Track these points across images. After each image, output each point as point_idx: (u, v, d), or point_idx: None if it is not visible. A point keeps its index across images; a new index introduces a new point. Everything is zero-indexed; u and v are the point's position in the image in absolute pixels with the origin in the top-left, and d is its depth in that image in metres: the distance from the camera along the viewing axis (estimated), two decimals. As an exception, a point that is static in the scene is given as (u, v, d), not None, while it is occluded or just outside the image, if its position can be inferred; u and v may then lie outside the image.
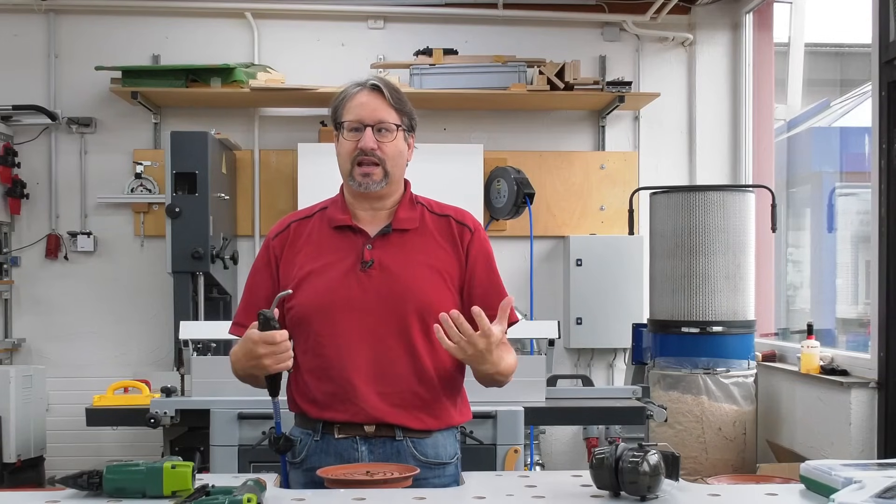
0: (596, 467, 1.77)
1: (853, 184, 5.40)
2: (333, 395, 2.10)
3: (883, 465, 1.85)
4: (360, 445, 2.11)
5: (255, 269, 2.28)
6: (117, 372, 5.24)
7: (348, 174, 2.15)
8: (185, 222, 4.80)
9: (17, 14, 5.55)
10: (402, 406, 2.10)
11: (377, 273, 2.11)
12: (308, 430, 2.16)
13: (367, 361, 2.08)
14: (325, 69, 5.52)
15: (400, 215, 2.18)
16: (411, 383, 2.10)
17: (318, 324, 2.11)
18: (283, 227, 2.26)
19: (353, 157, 2.12)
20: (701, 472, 4.48)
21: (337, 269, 2.13)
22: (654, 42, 5.82)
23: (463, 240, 2.18)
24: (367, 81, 2.16)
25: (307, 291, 2.13)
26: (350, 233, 2.17)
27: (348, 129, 2.13)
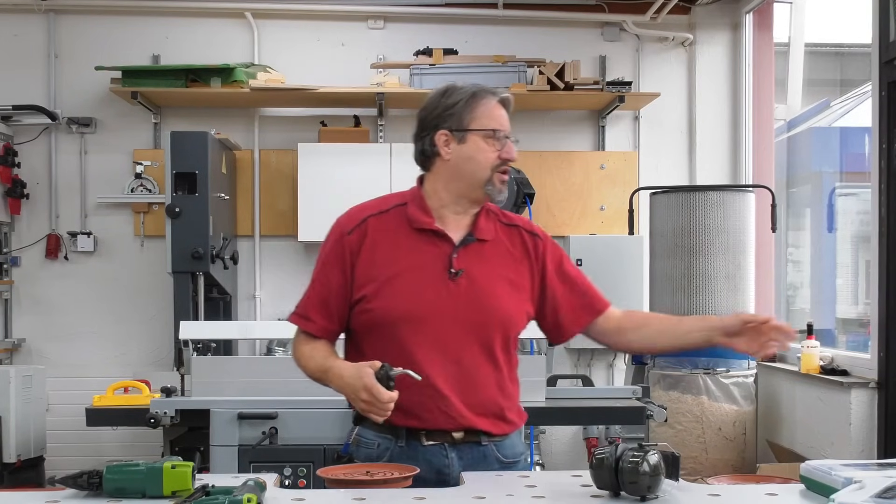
0: (596, 467, 1.77)
1: (853, 184, 5.40)
2: (420, 404, 2.09)
3: (883, 465, 1.85)
4: (449, 452, 2.12)
5: (327, 262, 2.19)
6: (117, 372, 5.24)
7: (485, 181, 2.13)
8: (185, 222, 4.80)
9: (17, 14, 5.55)
10: (485, 414, 2.13)
11: (464, 283, 2.11)
12: (387, 436, 2.14)
13: (453, 371, 2.09)
14: (325, 69, 5.53)
15: (480, 224, 2.18)
16: (492, 392, 2.14)
17: (405, 330, 2.09)
18: (359, 221, 2.19)
19: (496, 165, 2.13)
20: (701, 472, 4.48)
21: (423, 275, 2.11)
22: (654, 42, 5.82)
23: (537, 249, 2.22)
24: (495, 91, 2.17)
25: (393, 296, 2.10)
26: (433, 237, 2.15)
27: (493, 137, 2.13)
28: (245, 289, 5.65)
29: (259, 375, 3.77)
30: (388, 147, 5.37)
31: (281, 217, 5.59)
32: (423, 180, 2.24)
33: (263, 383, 3.74)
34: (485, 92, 2.16)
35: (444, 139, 2.15)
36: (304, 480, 3.54)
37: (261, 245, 5.66)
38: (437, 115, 2.16)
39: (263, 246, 5.67)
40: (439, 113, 2.16)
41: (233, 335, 4.86)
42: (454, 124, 2.14)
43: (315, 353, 2.16)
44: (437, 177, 2.19)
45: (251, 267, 5.64)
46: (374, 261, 2.14)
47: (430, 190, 2.20)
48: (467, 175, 2.14)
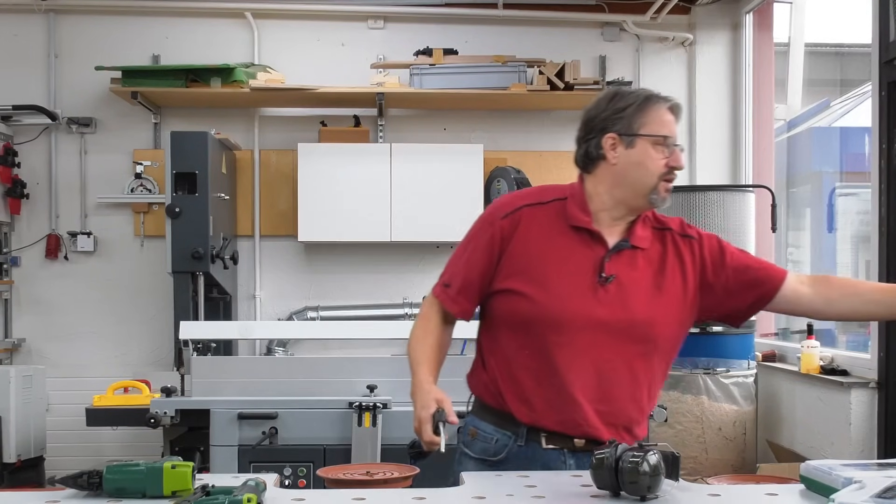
0: (596, 467, 1.77)
1: (853, 184, 5.40)
2: (550, 403, 2.07)
3: (883, 465, 1.84)
4: (567, 458, 2.10)
5: (475, 243, 2.15)
6: (117, 372, 5.24)
7: (651, 188, 2.09)
8: (185, 222, 4.80)
9: (17, 14, 5.55)
10: (614, 425, 2.09)
11: (613, 289, 2.07)
12: (507, 432, 2.12)
13: (590, 377, 2.05)
14: (325, 69, 5.53)
15: (638, 233, 2.13)
16: (627, 405, 2.10)
17: (550, 329, 2.05)
18: (514, 208, 2.14)
19: (663, 173, 2.08)
20: (701, 472, 4.48)
21: (575, 276, 2.07)
22: (654, 42, 5.82)
23: (693, 252, 2.16)
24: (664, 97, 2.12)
25: (541, 294, 2.06)
26: (588, 237, 2.11)
27: (662, 143, 2.08)
28: (245, 289, 5.65)
29: (259, 375, 3.78)
30: (388, 147, 5.37)
31: (281, 217, 5.59)
32: (583, 181, 2.18)
33: (263, 383, 3.75)
34: (657, 98, 2.12)
35: (611, 143, 2.10)
36: (304, 480, 3.55)
37: (261, 245, 5.66)
38: (606, 117, 2.11)
39: (263, 246, 5.67)
40: (608, 116, 2.11)
41: (233, 335, 4.87)
42: (623, 128, 2.09)
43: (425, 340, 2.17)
44: (600, 180, 2.13)
45: (251, 267, 5.64)
46: (524, 253, 2.10)
47: (591, 191, 2.14)
48: (633, 181, 2.10)
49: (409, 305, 5.54)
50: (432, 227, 5.33)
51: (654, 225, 2.18)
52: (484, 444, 2.15)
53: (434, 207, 5.30)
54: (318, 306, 5.59)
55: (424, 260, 5.67)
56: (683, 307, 2.13)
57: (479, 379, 2.18)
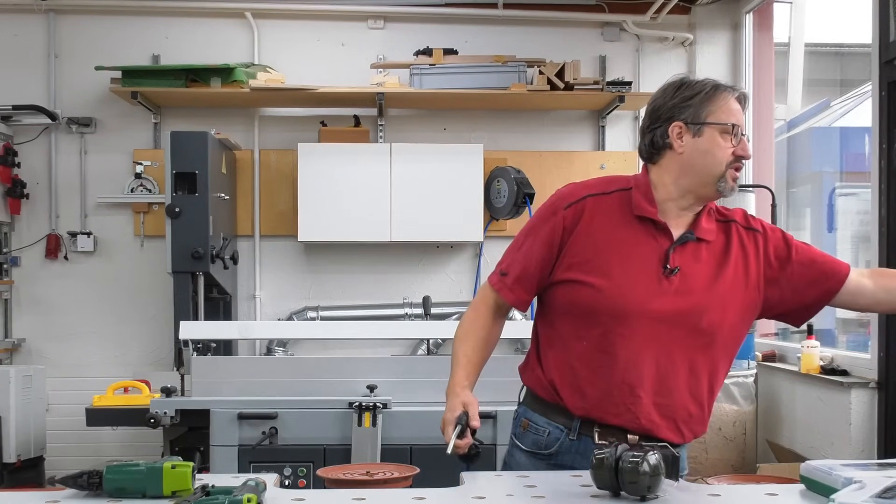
0: (596, 467, 1.76)
1: (853, 184, 5.39)
2: (608, 395, 2.05)
3: (883, 465, 1.84)
4: None
5: (535, 232, 2.13)
6: (117, 372, 5.24)
7: (719, 176, 2.07)
8: (185, 222, 4.80)
9: (17, 14, 5.55)
10: (673, 420, 2.07)
11: (677, 282, 2.05)
12: (559, 425, 2.12)
13: (650, 370, 2.03)
14: (325, 69, 5.53)
15: (703, 225, 2.11)
16: (685, 399, 2.07)
17: (613, 319, 2.03)
18: (578, 198, 2.12)
19: (731, 161, 2.06)
20: (701, 472, 4.48)
21: (639, 267, 2.06)
22: (654, 42, 5.82)
23: (757, 245, 2.14)
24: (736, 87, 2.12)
25: (605, 284, 2.05)
26: (653, 227, 2.09)
27: (730, 132, 2.06)
28: (245, 289, 5.65)
29: (259, 375, 3.78)
30: (388, 147, 5.37)
31: (281, 217, 5.59)
32: (648, 171, 2.15)
33: (263, 383, 3.75)
34: (724, 86, 2.10)
35: (677, 131, 2.08)
36: (304, 480, 3.55)
37: (261, 245, 5.66)
38: (673, 105, 2.09)
39: (263, 246, 5.67)
40: (675, 104, 2.09)
41: (233, 335, 4.87)
42: (690, 117, 2.07)
43: (472, 334, 2.17)
44: (666, 170, 2.11)
45: (251, 267, 5.64)
46: (589, 243, 2.08)
47: (656, 181, 2.12)
48: (700, 169, 2.07)
49: (409, 305, 5.54)
50: (432, 227, 5.33)
51: (718, 217, 2.16)
52: (535, 437, 2.14)
53: (434, 207, 5.30)
54: (318, 306, 5.59)
55: (424, 260, 5.68)
56: (746, 301, 2.11)
57: (534, 371, 2.17)
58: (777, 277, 2.13)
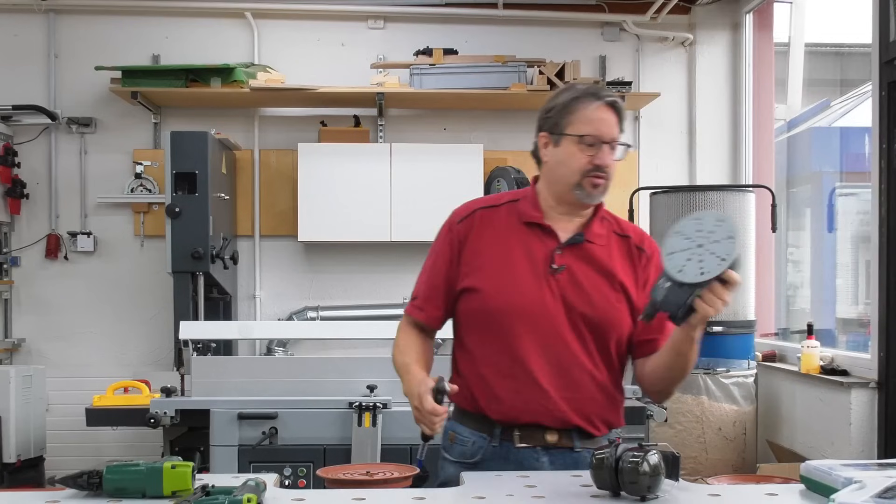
0: (596, 467, 1.77)
1: (853, 184, 5.40)
2: (519, 395, 2.09)
3: (883, 465, 1.84)
4: (541, 455, 2.11)
5: (436, 251, 2.24)
6: (117, 372, 5.24)
7: (574, 185, 2.12)
8: (185, 222, 4.80)
9: (17, 14, 5.55)
10: (584, 412, 2.11)
11: (565, 280, 2.11)
12: (483, 434, 2.14)
13: (551, 366, 2.08)
14: (325, 69, 5.53)
15: (593, 229, 2.17)
16: (592, 391, 2.11)
17: (506, 320, 2.09)
18: (469, 212, 2.23)
19: (586, 171, 2.10)
20: (701, 472, 4.48)
21: (527, 269, 2.12)
22: (654, 42, 5.82)
23: (640, 263, 2.18)
24: (601, 94, 2.14)
25: (495, 286, 2.11)
26: (540, 232, 2.16)
27: (585, 142, 2.10)
28: (245, 289, 5.65)
29: (259, 375, 3.78)
30: (388, 147, 5.37)
31: (281, 217, 5.59)
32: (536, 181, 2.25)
33: (263, 383, 3.75)
34: (587, 95, 2.14)
35: (543, 141, 2.19)
36: (304, 480, 3.55)
37: (261, 245, 5.66)
38: (541, 116, 2.19)
39: (263, 246, 5.67)
40: (542, 115, 2.19)
41: (233, 335, 4.87)
42: (551, 127, 2.16)
43: (408, 349, 2.19)
44: (542, 178, 2.22)
45: (251, 267, 5.64)
46: (479, 252, 2.16)
47: (541, 189, 2.22)
48: (559, 178, 2.15)
49: (409, 305, 5.54)
50: (432, 228, 5.26)
51: (616, 229, 2.22)
52: (462, 448, 2.17)
53: (434, 207, 5.23)
54: (318, 306, 5.59)
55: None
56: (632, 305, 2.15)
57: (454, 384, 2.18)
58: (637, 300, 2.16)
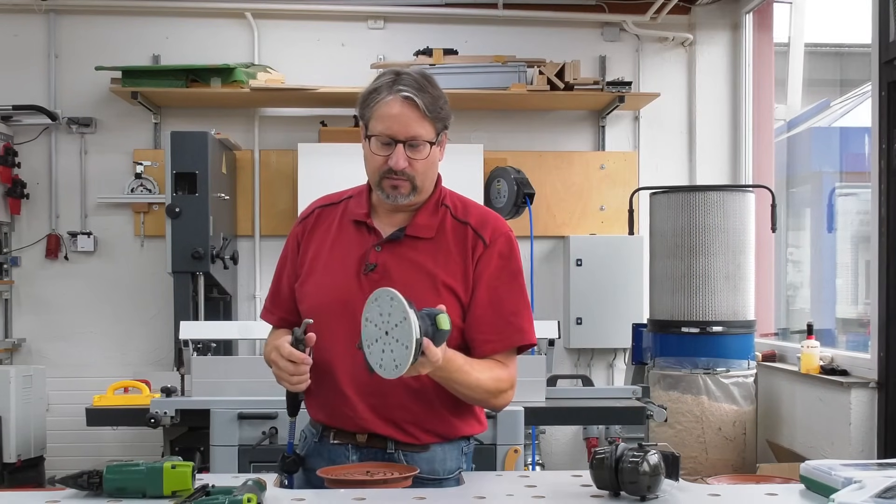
0: (596, 467, 1.76)
1: (853, 184, 5.40)
2: (328, 400, 2.06)
3: (883, 465, 1.84)
4: (351, 454, 2.07)
5: (283, 254, 2.22)
6: (117, 372, 5.24)
7: (376, 185, 2.03)
8: (185, 222, 4.80)
9: (17, 14, 5.55)
10: (392, 419, 2.01)
11: (378, 278, 2.00)
12: (312, 429, 2.15)
13: (360, 369, 1.89)
14: (325, 69, 5.53)
15: (418, 221, 2.06)
16: (401, 397, 2.00)
17: (319, 323, 1.96)
18: (309, 212, 2.20)
19: (383, 171, 2.00)
20: (701, 472, 4.48)
21: (342, 268, 2.05)
22: (654, 42, 5.82)
23: (475, 252, 2.04)
24: (398, 86, 1.97)
25: (313, 287, 2.08)
26: (364, 230, 2.08)
27: (378, 142, 1.98)
28: (245, 289, 5.65)
29: (259, 375, 3.76)
30: (388, 147, 5.36)
31: (281, 217, 5.59)
32: None
33: (263, 383, 3.73)
34: (380, 89, 1.98)
35: (361, 134, 2.07)
36: (304, 480, 3.54)
37: (261, 245, 5.66)
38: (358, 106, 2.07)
39: (263, 246, 5.67)
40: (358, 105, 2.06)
41: (233, 335, 4.86)
42: (363, 120, 2.04)
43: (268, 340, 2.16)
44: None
45: (251, 267, 5.64)
46: (310, 252, 2.12)
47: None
48: (368, 176, 2.08)
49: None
50: (432, 227, 5.31)
51: (456, 215, 2.09)
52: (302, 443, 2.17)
53: (434, 207, 5.29)
54: (318, 306, 5.58)
55: (424, 260, 5.67)
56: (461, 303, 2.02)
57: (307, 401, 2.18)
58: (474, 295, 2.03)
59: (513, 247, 2.10)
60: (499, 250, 2.06)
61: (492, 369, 2.01)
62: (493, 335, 2.03)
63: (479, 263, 2.03)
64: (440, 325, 1.76)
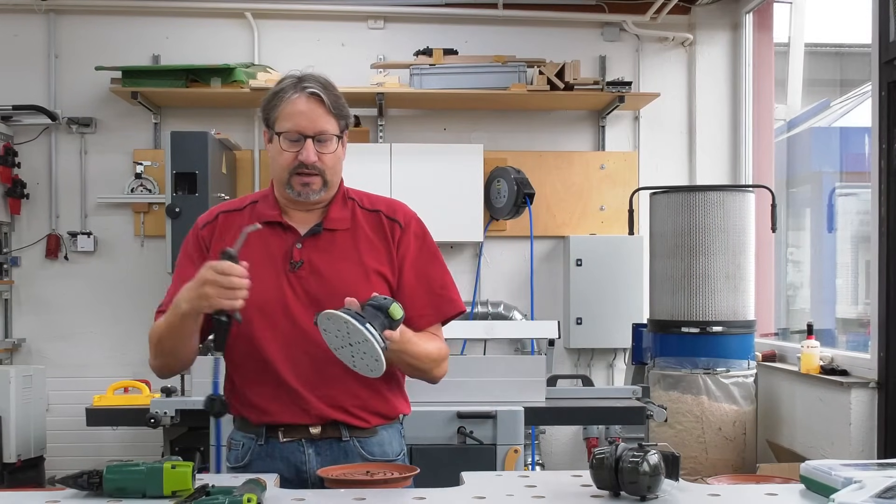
0: (596, 467, 1.77)
1: (853, 184, 5.40)
2: (274, 399, 2.07)
3: (883, 465, 1.84)
4: (306, 448, 2.09)
5: (185, 256, 2.17)
6: (117, 372, 5.24)
7: (285, 183, 2.07)
8: (185, 222, 4.80)
9: (17, 14, 5.55)
10: (342, 406, 2.08)
11: (306, 274, 2.07)
12: (251, 435, 2.13)
13: (304, 365, 2.04)
14: (325, 69, 5.45)
15: (332, 215, 2.12)
16: (351, 385, 2.06)
17: (251, 324, 2.03)
18: (212, 217, 2.18)
19: (293, 168, 2.04)
20: (701, 472, 4.48)
21: (267, 269, 2.07)
22: (654, 42, 5.82)
23: (394, 236, 2.13)
24: (304, 84, 2.04)
25: None
26: (280, 230, 2.11)
27: (287, 139, 2.03)
28: (245, 289, 5.63)
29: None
30: (388, 147, 5.37)
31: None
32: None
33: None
34: (289, 87, 2.05)
35: (266, 137, 2.12)
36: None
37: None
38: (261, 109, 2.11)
39: (263, 246, 5.66)
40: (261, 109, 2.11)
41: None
42: (266, 122, 2.10)
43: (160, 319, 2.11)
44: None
45: (251, 267, 5.63)
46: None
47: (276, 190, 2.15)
48: (275, 175, 2.10)
49: (409, 305, 5.54)
50: (432, 227, 5.26)
51: (364, 206, 2.17)
52: (236, 453, 2.16)
53: (434, 207, 5.25)
54: (318, 306, 5.58)
55: (424, 260, 5.66)
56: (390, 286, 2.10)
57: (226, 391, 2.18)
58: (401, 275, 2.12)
59: (424, 228, 2.21)
60: (414, 231, 2.17)
61: (432, 340, 2.13)
62: (428, 309, 2.13)
63: (400, 246, 2.14)
64: (394, 316, 1.85)
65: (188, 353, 2.12)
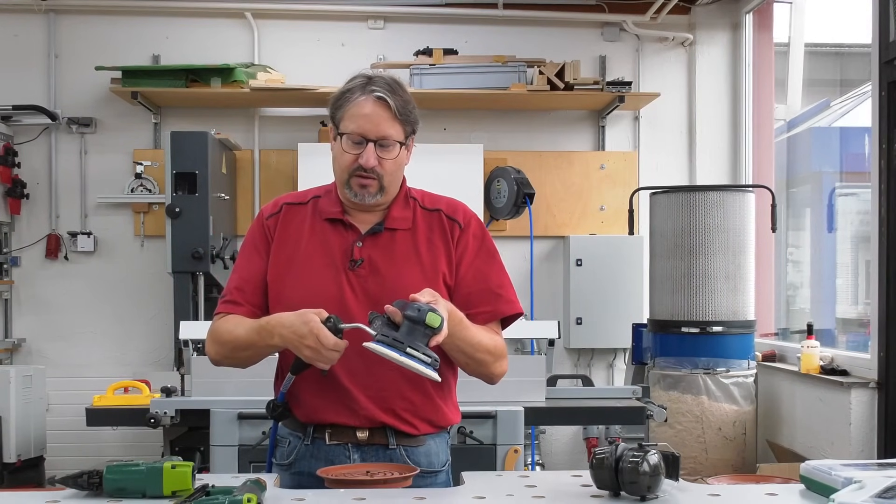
0: (596, 467, 1.76)
1: (853, 184, 5.40)
2: (324, 397, 2.05)
3: (883, 465, 1.84)
4: (352, 453, 2.07)
5: (250, 246, 2.18)
6: (117, 372, 5.24)
7: (345, 183, 2.07)
8: (185, 222, 4.80)
9: (17, 14, 5.55)
10: (393, 409, 2.05)
11: (366, 272, 2.06)
12: (298, 433, 2.12)
13: (356, 363, 1.99)
14: (325, 69, 5.52)
15: (393, 214, 2.11)
16: (402, 387, 2.04)
17: None
18: (277, 208, 2.18)
19: (352, 169, 2.04)
20: (701, 472, 4.48)
21: (326, 265, 2.07)
22: (654, 42, 5.82)
23: (454, 236, 2.12)
24: (371, 87, 2.02)
25: (295, 285, 2.06)
26: (341, 227, 2.11)
27: (349, 140, 2.03)
28: (245, 289, 5.63)
29: (259, 375, 3.76)
30: (388, 147, 5.36)
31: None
32: None
33: (263, 383, 3.73)
34: (355, 90, 2.04)
35: (332, 135, 2.11)
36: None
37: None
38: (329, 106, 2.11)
39: (263, 246, 5.66)
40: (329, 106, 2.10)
41: (233, 335, 4.86)
42: (333, 120, 2.09)
43: (241, 321, 2.07)
44: None
45: (251, 267, 5.63)
46: (284, 249, 2.11)
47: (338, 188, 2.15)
48: (336, 175, 2.11)
49: (409, 305, 5.54)
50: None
51: (424, 205, 2.16)
52: (282, 449, 2.15)
53: (434, 207, 5.29)
54: (318, 306, 5.58)
55: (424, 260, 5.66)
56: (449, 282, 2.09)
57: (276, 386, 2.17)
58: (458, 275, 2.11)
59: (484, 228, 2.20)
60: (473, 232, 2.15)
61: (488, 332, 2.08)
62: (485, 306, 2.09)
63: (459, 245, 2.12)
64: (432, 325, 1.81)
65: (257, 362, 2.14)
